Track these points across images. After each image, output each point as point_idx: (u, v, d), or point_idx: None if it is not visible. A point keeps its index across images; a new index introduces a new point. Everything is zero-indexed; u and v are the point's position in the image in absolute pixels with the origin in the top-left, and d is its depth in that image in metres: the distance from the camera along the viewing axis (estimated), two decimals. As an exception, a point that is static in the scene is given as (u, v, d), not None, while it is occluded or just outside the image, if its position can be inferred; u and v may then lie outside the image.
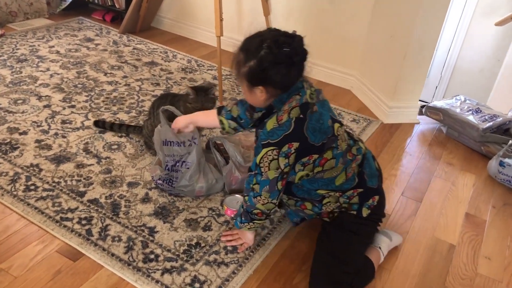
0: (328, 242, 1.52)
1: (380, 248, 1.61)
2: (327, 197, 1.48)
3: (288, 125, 1.34)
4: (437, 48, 3.62)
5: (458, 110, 2.47)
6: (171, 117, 1.96)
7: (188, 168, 1.76)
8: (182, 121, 1.70)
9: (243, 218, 1.52)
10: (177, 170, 1.76)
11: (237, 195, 1.81)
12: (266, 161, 1.36)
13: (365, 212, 1.50)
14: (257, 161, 1.38)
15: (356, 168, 1.49)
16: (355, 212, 1.51)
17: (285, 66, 1.32)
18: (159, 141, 1.75)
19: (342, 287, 1.43)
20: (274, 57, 1.30)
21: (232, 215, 1.74)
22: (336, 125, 1.45)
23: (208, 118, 1.69)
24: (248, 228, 1.54)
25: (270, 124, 1.37)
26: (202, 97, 1.88)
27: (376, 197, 1.52)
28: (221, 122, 1.64)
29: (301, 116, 1.35)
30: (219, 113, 1.65)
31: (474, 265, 1.68)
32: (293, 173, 1.42)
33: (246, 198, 1.46)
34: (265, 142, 1.36)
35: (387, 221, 1.84)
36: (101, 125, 2.21)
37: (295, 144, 1.34)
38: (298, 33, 1.36)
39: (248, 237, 1.61)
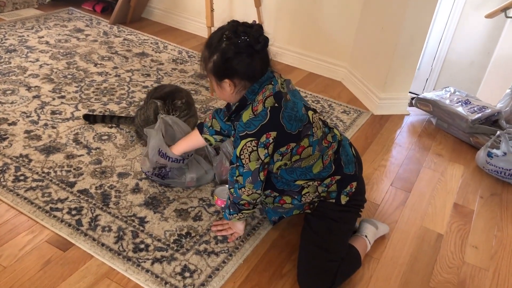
0: (311, 233, 1.53)
1: (366, 236, 1.62)
2: (306, 187, 1.49)
3: (264, 115, 1.34)
4: (428, 40, 3.63)
5: (447, 102, 2.49)
6: (155, 111, 1.96)
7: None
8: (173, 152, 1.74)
9: (231, 210, 1.53)
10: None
11: (227, 186, 1.81)
12: (246, 153, 1.37)
13: (343, 199, 1.51)
14: (237, 153, 1.39)
15: (332, 155, 1.50)
16: (333, 200, 1.51)
17: (247, 55, 1.32)
18: (155, 147, 1.74)
19: (328, 276, 1.44)
20: (235, 47, 1.31)
21: (222, 205, 1.74)
22: (310, 112, 1.46)
23: (192, 141, 1.73)
24: (238, 219, 1.55)
25: (246, 115, 1.36)
26: (169, 105, 1.89)
27: (354, 184, 1.53)
28: (206, 140, 1.69)
29: (276, 105, 1.35)
30: (201, 132, 1.68)
31: (462, 254, 1.70)
32: (271, 162, 1.42)
33: (232, 190, 1.47)
34: (243, 134, 1.36)
35: (376, 211, 1.86)
36: (92, 120, 2.18)
37: (273, 134, 1.34)
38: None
39: (238, 227, 1.62)
